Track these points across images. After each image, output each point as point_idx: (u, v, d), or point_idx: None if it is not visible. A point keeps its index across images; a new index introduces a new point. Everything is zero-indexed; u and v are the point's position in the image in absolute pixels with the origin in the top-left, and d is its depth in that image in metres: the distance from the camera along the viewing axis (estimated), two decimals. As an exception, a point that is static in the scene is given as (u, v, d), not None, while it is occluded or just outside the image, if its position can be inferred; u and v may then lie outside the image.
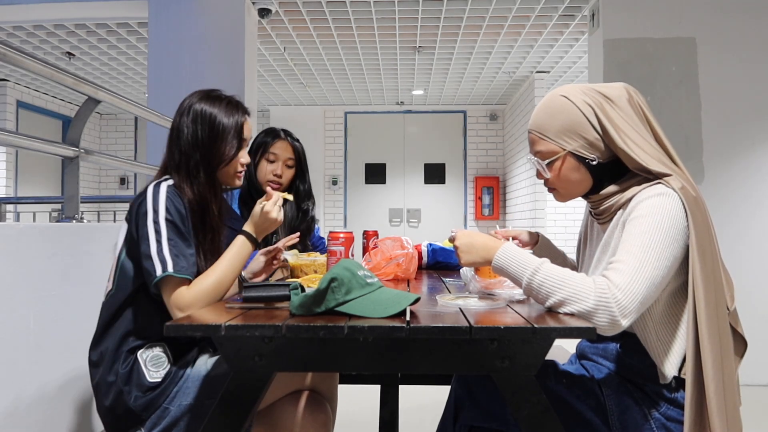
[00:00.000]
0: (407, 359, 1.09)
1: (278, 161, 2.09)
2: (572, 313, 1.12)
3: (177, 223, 1.38)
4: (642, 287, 1.11)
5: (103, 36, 5.46)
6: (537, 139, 1.33)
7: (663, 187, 1.20)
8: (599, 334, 1.11)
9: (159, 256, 1.33)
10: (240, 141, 1.53)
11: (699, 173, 3.67)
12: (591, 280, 1.14)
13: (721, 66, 3.70)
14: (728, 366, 1.16)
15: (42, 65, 1.97)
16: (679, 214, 1.17)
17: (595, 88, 1.30)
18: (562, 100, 1.30)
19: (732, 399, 1.16)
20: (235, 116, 1.52)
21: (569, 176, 1.31)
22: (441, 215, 8.52)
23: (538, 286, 1.16)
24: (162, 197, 1.39)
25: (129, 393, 1.36)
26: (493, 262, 1.24)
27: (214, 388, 1.38)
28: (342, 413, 3.04)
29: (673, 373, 1.21)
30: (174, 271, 1.33)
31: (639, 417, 1.24)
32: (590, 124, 1.26)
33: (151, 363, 1.40)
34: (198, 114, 1.49)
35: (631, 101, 1.29)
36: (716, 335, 1.15)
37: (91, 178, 8.61)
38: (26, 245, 1.64)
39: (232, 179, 1.56)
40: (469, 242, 1.28)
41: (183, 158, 1.48)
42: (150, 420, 1.37)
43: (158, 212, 1.37)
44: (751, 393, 3.34)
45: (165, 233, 1.36)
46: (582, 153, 1.28)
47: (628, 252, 1.15)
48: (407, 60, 6.15)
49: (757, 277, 3.63)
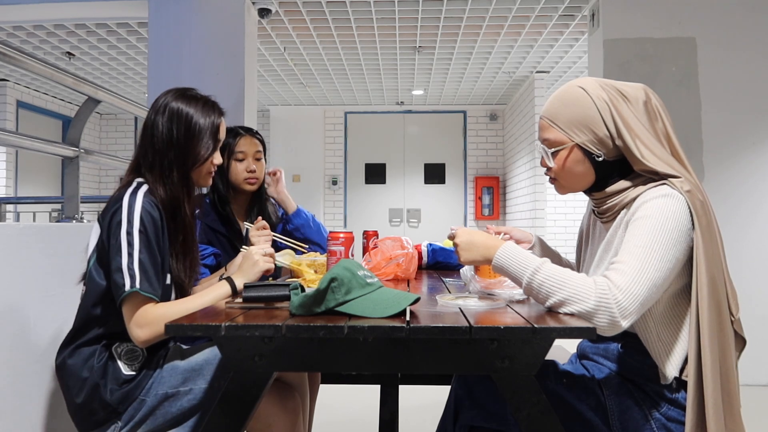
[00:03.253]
0: (407, 359, 1.09)
1: (248, 158, 2.08)
2: (572, 314, 1.12)
3: (150, 235, 1.37)
4: (643, 289, 1.11)
5: (103, 36, 5.46)
6: (547, 126, 1.32)
7: (668, 189, 1.19)
8: (599, 335, 1.11)
9: (129, 271, 1.33)
10: (215, 142, 1.53)
11: (699, 173, 3.67)
12: (592, 280, 1.13)
13: (721, 66, 3.70)
14: (730, 369, 1.16)
15: (42, 65, 1.97)
16: (684, 216, 1.16)
17: (614, 85, 1.29)
18: (579, 91, 1.29)
19: (733, 401, 1.16)
20: (211, 117, 1.52)
21: (572, 168, 1.30)
22: (441, 215, 8.52)
23: (538, 286, 1.16)
24: (137, 207, 1.38)
25: (105, 386, 1.37)
26: (494, 260, 1.24)
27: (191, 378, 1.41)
28: (342, 413, 3.05)
29: (674, 374, 1.21)
30: (140, 289, 1.32)
31: (639, 417, 1.23)
32: (602, 120, 1.25)
33: (126, 356, 1.41)
34: (174, 113, 1.48)
35: (648, 103, 1.28)
36: (717, 338, 1.15)
37: (91, 178, 8.61)
38: (26, 245, 1.64)
39: (205, 179, 1.56)
40: (469, 240, 1.28)
41: (157, 157, 1.47)
42: (127, 413, 1.38)
43: (132, 223, 1.36)
44: (751, 393, 3.34)
45: (137, 246, 1.35)
46: (589, 147, 1.27)
47: (630, 253, 1.14)
48: (407, 60, 6.14)
49: (757, 276, 3.63)
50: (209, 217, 2.04)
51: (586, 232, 1.47)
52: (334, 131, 8.57)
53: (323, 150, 8.53)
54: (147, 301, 1.34)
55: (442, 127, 8.57)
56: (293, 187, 8.36)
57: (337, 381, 2.28)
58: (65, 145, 2.20)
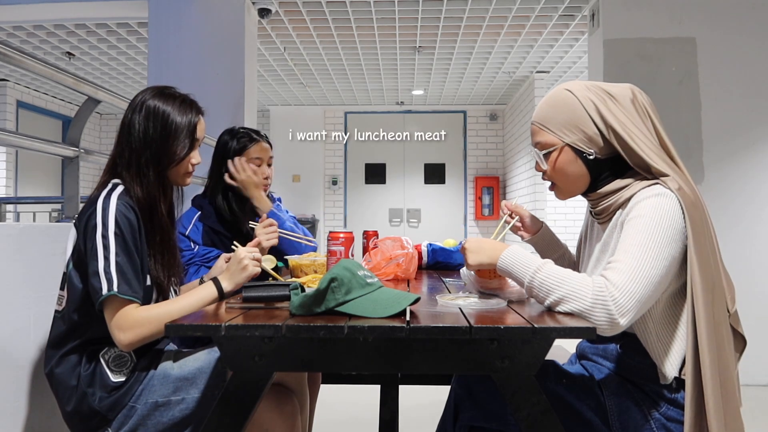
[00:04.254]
0: (407, 359, 1.09)
1: (263, 163, 2.08)
2: (570, 312, 1.12)
3: (126, 237, 1.35)
4: (639, 287, 1.12)
5: (103, 36, 5.46)
6: (538, 129, 1.36)
7: (661, 188, 1.21)
8: (599, 335, 1.11)
9: (106, 275, 1.30)
10: (192, 141, 1.51)
11: (699, 173, 3.67)
12: (590, 279, 1.14)
13: (721, 66, 3.70)
14: (727, 367, 1.16)
15: (42, 65, 1.97)
16: (677, 214, 1.18)
17: (600, 86, 1.32)
18: (566, 93, 1.32)
19: (731, 400, 1.16)
20: (188, 115, 1.50)
21: (566, 169, 1.32)
22: (441, 215, 8.52)
23: (539, 285, 1.17)
24: (112, 210, 1.36)
25: (93, 395, 1.36)
26: (498, 262, 1.25)
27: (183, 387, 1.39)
28: (342, 413, 3.05)
29: (674, 373, 1.21)
30: (119, 292, 1.30)
31: (639, 417, 1.24)
32: (591, 118, 1.28)
33: (113, 363, 1.39)
34: (150, 111, 1.47)
35: (635, 101, 1.30)
36: (714, 336, 1.15)
37: (91, 178, 8.59)
38: (26, 245, 1.64)
39: (183, 179, 1.55)
40: (478, 245, 1.30)
41: (133, 155, 1.46)
42: (117, 420, 1.37)
43: (107, 227, 1.34)
44: (751, 393, 3.34)
45: (113, 249, 1.32)
46: (580, 146, 1.30)
47: (626, 252, 1.15)
48: (407, 60, 6.15)
49: (757, 276, 3.63)
50: (210, 219, 2.03)
51: (585, 233, 1.49)
52: (334, 131, 8.58)
53: (323, 150, 8.53)
54: (126, 303, 1.32)
55: (442, 127, 8.57)
56: (293, 187, 8.37)
57: (337, 381, 2.28)
58: (65, 145, 2.20)
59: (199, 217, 2.02)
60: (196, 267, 1.90)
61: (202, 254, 1.94)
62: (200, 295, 1.41)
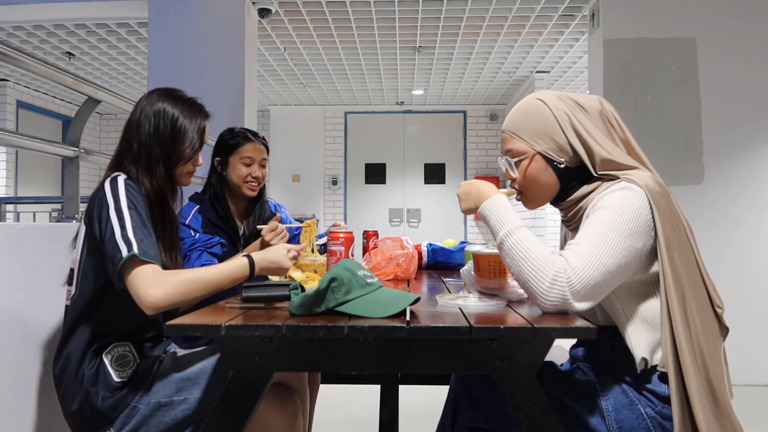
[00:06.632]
0: (407, 359, 1.09)
1: (254, 163, 2.10)
2: (525, 287, 1.15)
3: (140, 210, 1.36)
4: (595, 273, 1.13)
5: (103, 36, 5.46)
6: (509, 137, 1.37)
7: (626, 183, 1.23)
8: (547, 312, 1.14)
9: (124, 240, 1.28)
10: (200, 144, 1.55)
11: (699, 173, 3.67)
12: (552, 261, 1.15)
13: (721, 66, 3.70)
14: (708, 358, 1.17)
15: (42, 65, 1.97)
16: (643, 208, 1.19)
17: (570, 96, 1.36)
18: (537, 103, 1.35)
19: (715, 391, 1.16)
20: (197, 120, 1.53)
21: (536, 177, 1.34)
22: (441, 215, 8.52)
23: (508, 248, 1.19)
24: (121, 188, 1.38)
25: (96, 394, 1.36)
26: (479, 209, 1.29)
27: (185, 387, 1.40)
28: (342, 413, 3.05)
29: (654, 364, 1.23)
30: (139, 253, 1.27)
31: (635, 417, 1.24)
32: (561, 128, 1.31)
33: (116, 363, 1.40)
34: (161, 111, 1.49)
35: (603, 112, 1.34)
36: (690, 328, 1.16)
37: (91, 178, 8.60)
38: (26, 245, 1.64)
39: (185, 178, 1.57)
40: (467, 189, 1.35)
41: (143, 150, 1.48)
42: (119, 419, 1.37)
43: (120, 201, 1.35)
44: (751, 393, 3.33)
45: (128, 219, 1.32)
46: (550, 155, 1.32)
47: (587, 238, 1.17)
48: (407, 60, 6.15)
49: (756, 276, 3.63)
50: (209, 213, 2.06)
51: (562, 243, 1.50)
52: (334, 131, 8.57)
53: (323, 150, 8.53)
54: (149, 264, 1.28)
55: (442, 127, 8.57)
56: (293, 187, 8.37)
57: (337, 381, 2.28)
58: (65, 145, 2.20)
59: (198, 210, 2.06)
60: (198, 252, 1.93)
61: (204, 240, 1.97)
62: (231, 266, 1.41)
